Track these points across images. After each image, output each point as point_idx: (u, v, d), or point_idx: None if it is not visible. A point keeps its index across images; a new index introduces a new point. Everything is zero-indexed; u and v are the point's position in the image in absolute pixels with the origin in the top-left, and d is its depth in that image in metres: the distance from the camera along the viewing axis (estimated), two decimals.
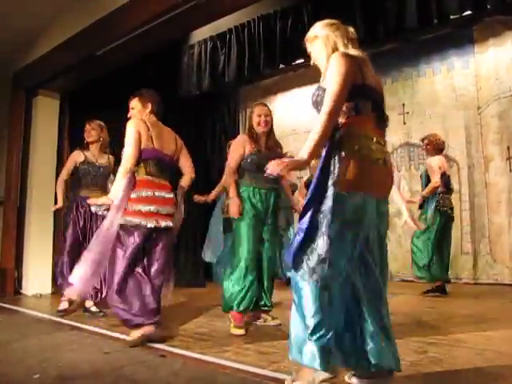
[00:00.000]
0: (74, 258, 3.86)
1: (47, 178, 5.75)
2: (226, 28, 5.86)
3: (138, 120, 3.20)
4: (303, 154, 1.93)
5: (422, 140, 5.49)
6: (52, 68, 5.28)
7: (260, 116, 3.71)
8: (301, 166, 2.01)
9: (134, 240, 3.03)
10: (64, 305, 4.18)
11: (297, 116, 8.15)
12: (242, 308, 3.38)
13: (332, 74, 2.03)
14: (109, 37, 4.66)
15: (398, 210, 6.89)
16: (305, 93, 8.14)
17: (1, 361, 2.66)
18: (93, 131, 4.51)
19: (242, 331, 3.28)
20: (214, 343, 2.99)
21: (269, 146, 3.74)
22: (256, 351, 2.75)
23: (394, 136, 7.11)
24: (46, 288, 5.62)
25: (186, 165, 3.47)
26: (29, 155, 5.87)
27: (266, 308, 3.64)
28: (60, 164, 5.85)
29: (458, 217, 6.39)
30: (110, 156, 4.58)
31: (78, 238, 4.21)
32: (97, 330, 3.42)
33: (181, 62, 6.42)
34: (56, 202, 4.54)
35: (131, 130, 3.10)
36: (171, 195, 3.27)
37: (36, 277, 5.56)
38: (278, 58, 5.39)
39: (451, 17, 4.77)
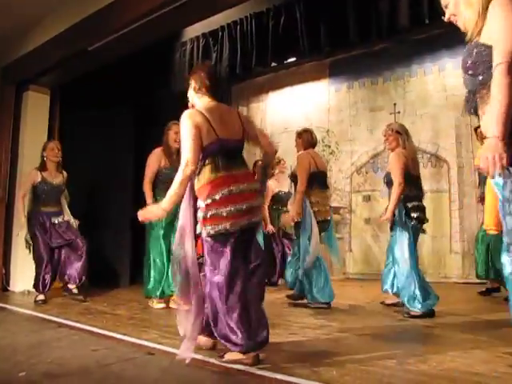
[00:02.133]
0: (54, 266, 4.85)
1: None
2: (218, 25, 5.84)
3: (193, 110, 2.59)
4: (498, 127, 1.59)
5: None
6: (43, 62, 5.24)
7: (177, 134, 4.09)
8: None
9: (227, 255, 2.47)
10: (41, 297, 4.71)
11: (288, 114, 8.17)
12: None
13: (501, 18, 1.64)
14: (101, 32, 4.63)
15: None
16: (296, 91, 8.18)
17: None
18: (59, 152, 4.91)
19: None
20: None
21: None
22: None
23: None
24: None
25: (262, 140, 2.84)
26: (18, 152, 5.82)
27: None
28: None
29: (448, 216, 6.46)
30: (64, 173, 5.01)
31: (48, 249, 4.82)
32: (85, 327, 3.39)
33: (173, 58, 6.39)
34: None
35: (187, 125, 2.48)
36: (257, 185, 2.70)
37: (23, 274, 5.49)
38: (270, 55, 5.39)
39: (443, 17, 4.77)
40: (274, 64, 5.80)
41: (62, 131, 5.99)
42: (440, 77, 6.80)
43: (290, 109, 8.20)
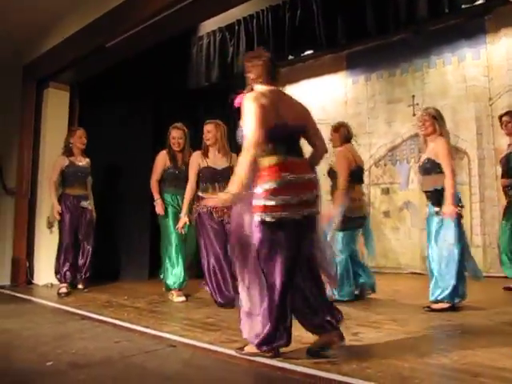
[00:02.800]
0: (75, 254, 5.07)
1: None
2: (234, 19, 5.84)
3: (257, 92, 2.53)
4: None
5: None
6: (62, 60, 5.32)
7: (174, 138, 4.60)
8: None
9: (287, 246, 2.40)
10: (63, 289, 4.81)
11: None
12: None
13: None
14: (117, 29, 4.68)
15: (405, 202, 7.05)
16: (313, 84, 8.14)
17: (15, 348, 2.72)
18: (85, 140, 5.18)
19: None
20: (222, 333, 3.01)
21: (185, 161, 4.57)
22: None
23: (402, 127, 7.08)
24: None
25: (318, 136, 2.75)
26: (39, 147, 5.92)
27: None
28: None
29: (468, 209, 6.37)
30: (87, 158, 5.25)
31: (73, 236, 5.06)
32: (107, 319, 3.46)
33: (190, 53, 6.41)
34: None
35: (253, 106, 2.39)
36: (314, 175, 2.60)
37: (47, 267, 5.57)
38: (287, 48, 5.38)
39: (462, 6, 4.72)
40: (290, 57, 5.77)
41: (82, 127, 6.04)
42: (459, 67, 6.69)
43: (307, 102, 8.06)
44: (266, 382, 2.26)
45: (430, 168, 3.86)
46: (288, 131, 2.50)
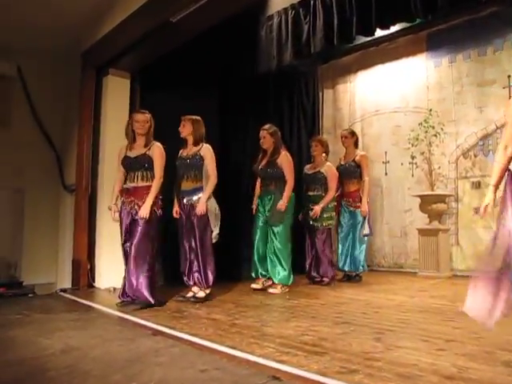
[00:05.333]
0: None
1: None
2: None
3: None
4: None
5: None
6: (123, 42, 4.86)
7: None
8: None
9: None
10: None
11: (380, 95, 7.42)
12: None
13: None
14: (183, 1, 4.16)
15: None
16: (389, 69, 7.40)
17: (82, 374, 2.21)
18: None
19: None
20: (331, 358, 2.39)
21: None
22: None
23: (495, 113, 6.22)
24: (119, 281, 5.24)
25: None
26: (99, 139, 5.51)
27: None
28: None
29: None
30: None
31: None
32: (183, 336, 2.91)
33: (258, 35, 5.81)
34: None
35: None
36: None
37: (109, 269, 5.19)
38: (375, 21, 4.67)
39: None
40: (378, 31, 5.03)
41: None
42: None
43: (382, 89, 7.43)
44: None
45: None
46: None
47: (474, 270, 2.57)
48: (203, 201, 4.19)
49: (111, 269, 5.18)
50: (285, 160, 4.95)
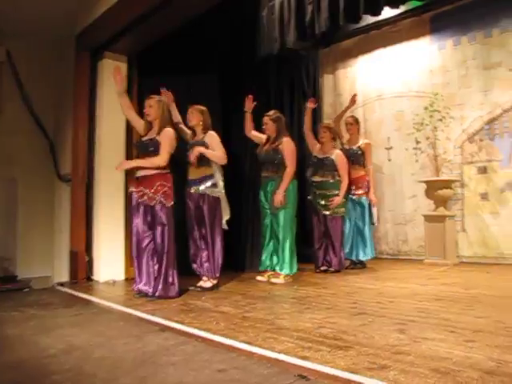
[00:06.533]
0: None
1: (116, 151, 5.17)
2: None
3: None
4: None
5: None
6: (120, 22, 4.60)
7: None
8: None
9: None
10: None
11: (382, 79, 7.24)
12: None
13: None
14: None
15: (508, 182, 6.04)
16: (391, 53, 7.21)
17: (87, 377, 2.02)
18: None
19: None
20: (358, 353, 2.22)
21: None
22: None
23: (502, 96, 6.05)
24: (119, 274, 5.08)
25: None
26: (95, 126, 5.27)
27: None
28: (129, 135, 5.25)
29: None
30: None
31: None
32: (195, 332, 2.72)
33: (259, 17, 5.58)
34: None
35: None
36: None
37: (108, 261, 5.01)
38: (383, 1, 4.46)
39: None
40: (386, 9, 4.83)
41: (141, 103, 5.36)
42: None
43: (384, 74, 7.24)
44: None
45: None
46: None
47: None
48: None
49: (111, 261, 5.00)
50: (287, 146, 4.82)
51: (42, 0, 4.87)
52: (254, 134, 5.09)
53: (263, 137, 5.03)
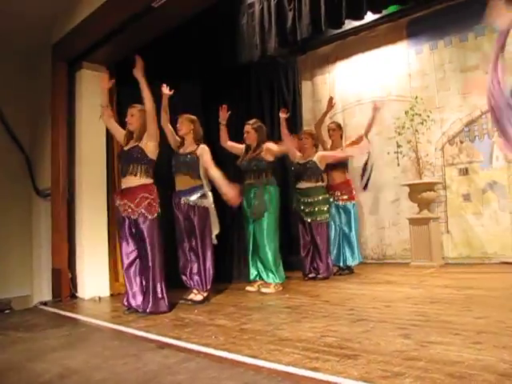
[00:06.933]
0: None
1: (97, 164, 5.02)
2: None
3: None
4: None
5: None
6: (99, 31, 4.48)
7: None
8: None
9: None
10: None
11: (361, 85, 7.27)
12: None
13: None
14: None
15: (490, 182, 6.12)
16: (368, 58, 7.25)
17: None
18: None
19: None
20: (368, 361, 2.15)
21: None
22: None
23: (481, 98, 6.13)
24: (104, 289, 4.91)
25: None
26: (75, 139, 5.11)
27: None
28: (110, 148, 5.12)
29: None
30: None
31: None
32: (193, 347, 2.62)
33: (239, 24, 5.54)
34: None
35: None
36: None
37: (92, 277, 4.84)
38: (366, 4, 4.48)
39: None
40: (369, 14, 4.85)
41: (121, 113, 5.24)
42: None
43: (363, 79, 7.27)
44: None
45: None
46: None
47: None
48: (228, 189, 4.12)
49: (95, 277, 4.84)
50: (268, 149, 4.82)
51: (15, 7, 4.70)
52: (231, 145, 5.03)
53: (240, 146, 4.98)
